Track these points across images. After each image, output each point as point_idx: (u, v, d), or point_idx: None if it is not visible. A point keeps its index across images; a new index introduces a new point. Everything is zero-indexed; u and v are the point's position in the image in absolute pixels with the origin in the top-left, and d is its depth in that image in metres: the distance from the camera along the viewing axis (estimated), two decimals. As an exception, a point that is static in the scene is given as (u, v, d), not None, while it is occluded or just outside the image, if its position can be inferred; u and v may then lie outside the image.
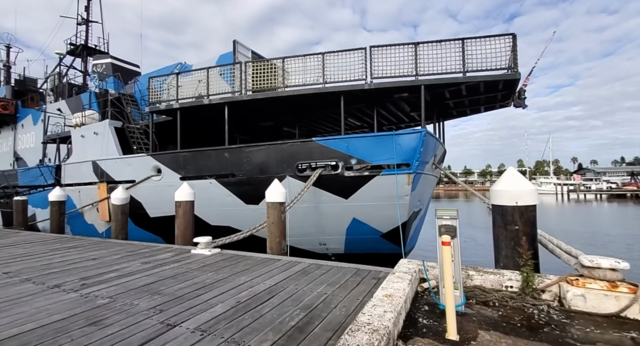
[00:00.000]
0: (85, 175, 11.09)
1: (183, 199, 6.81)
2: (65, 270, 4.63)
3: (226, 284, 3.77)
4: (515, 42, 7.36)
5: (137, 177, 9.87)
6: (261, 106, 9.45)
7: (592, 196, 66.45)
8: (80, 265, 4.91)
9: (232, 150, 8.90)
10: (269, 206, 5.64)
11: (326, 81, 8.13)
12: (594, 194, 68.02)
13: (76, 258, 5.47)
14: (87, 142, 11.28)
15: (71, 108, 15.04)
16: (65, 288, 3.75)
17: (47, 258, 5.47)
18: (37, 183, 12.04)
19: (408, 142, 7.65)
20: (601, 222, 21.61)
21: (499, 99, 8.90)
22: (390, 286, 3.03)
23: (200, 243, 5.66)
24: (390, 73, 7.84)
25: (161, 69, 15.28)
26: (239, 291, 3.52)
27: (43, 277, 4.26)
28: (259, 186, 8.84)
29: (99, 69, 18.68)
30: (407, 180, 7.86)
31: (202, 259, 5.10)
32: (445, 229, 2.93)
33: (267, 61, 9.09)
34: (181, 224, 6.69)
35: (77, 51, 22.69)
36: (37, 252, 6.06)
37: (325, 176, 8.16)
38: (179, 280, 4.00)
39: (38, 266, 4.88)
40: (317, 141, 8.29)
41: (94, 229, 11.17)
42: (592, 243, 13.13)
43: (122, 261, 5.10)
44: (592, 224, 19.82)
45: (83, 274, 4.39)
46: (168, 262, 4.98)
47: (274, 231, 5.56)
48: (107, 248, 6.27)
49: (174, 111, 9.60)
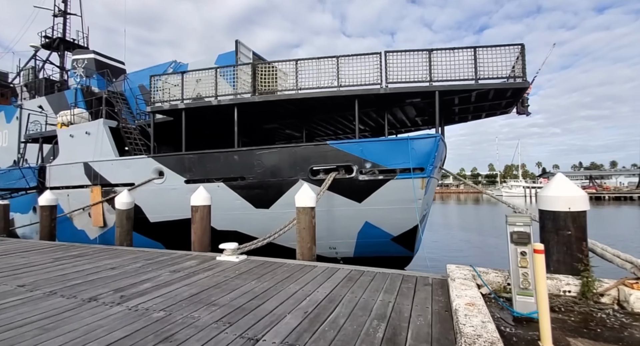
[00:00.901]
0: (75, 177, 10.40)
1: (200, 203, 6.52)
2: (89, 281, 4.28)
3: (279, 293, 3.62)
4: (523, 52, 7.66)
5: (137, 180, 9.38)
6: (270, 108, 9.26)
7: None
8: (103, 275, 4.56)
9: (243, 153, 8.66)
10: (300, 211, 5.50)
11: (341, 84, 8.10)
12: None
13: (91, 267, 5.08)
14: (77, 143, 10.59)
15: (53, 106, 14.13)
16: (105, 301, 3.46)
17: (57, 268, 5.04)
18: (18, 185, 11.16)
19: (423, 147, 7.75)
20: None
21: (502, 106, 9.21)
22: (464, 294, 3.01)
23: (226, 249, 5.43)
24: (403, 78, 7.93)
25: (153, 67, 14.70)
26: (298, 301, 3.38)
27: (69, 290, 3.92)
28: (270, 190, 8.67)
29: (80, 65, 17.68)
30: (422, 184, 7.95)
31: (233, 267, 4.89)
32: (517, 236, 2.96)
33: (269, 64, 8.93)
34: (198, 230, 6.40)
35: (54, 45, 21.43)
36: (41, 261, 5.58)
37: (339, 179, 8.11)
38: (224, 290, 3.80)
39: (54, 278, 4.48)
40: (332, 145, 8.23)
41: (85, 236, 10.49)
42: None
43: (147, 270, 4.79)
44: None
45: (113, 285, 4.07)
46: (199, 270, 4.73)
47: (305, 237, 5.43)
48: (119, 256, 5.88)
49: (178, 112, 9.21)
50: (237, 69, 9.52)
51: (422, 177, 7.85)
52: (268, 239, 6.33)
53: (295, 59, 8.38)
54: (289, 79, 8.75)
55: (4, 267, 5.18)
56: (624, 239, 15.60)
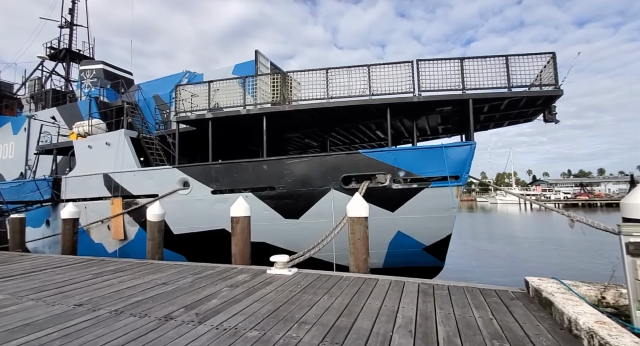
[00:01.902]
0: (93, 189, 10.12)
1: (241, 214, 6.34)
2: (150, 298, 4.06)
3: (364, 310, 3.45)
4: (555, 60, 7.74)
5: (160, 191, 9.16)
6: (298, 116, 9.18)
7: (550, 206, 71.83)
8: (159, 291, 4.35)
9: (272, 162, 8.53)
10: (354, 221, 5.35)
11: (373, 93, 8.07)
12: (553, 203, 73.55)
13: (141, 283, 4.85)
14: (96, 154, 10.35)
15: (65, 116, 13.90)
16: (184, 320, 3.26)
17: (104, 284, 4.80)
18: (31, 198, 10.83)
19: (458, 155, 7.72)
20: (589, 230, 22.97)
21: (529, 113, 9.26)
22: (580, 310, 2.85)
23: (277, 262, 5.25)
24: (434, 86, 7.94)
25: (166, 78, 14.65)
26: (390, 318, 3.22)
27: (133, 307, 3.70)
28: (300, 200, 8.52)
29: (89, 76, 17.54)
30: (457, 192, 7.89)
31: (291, 281, 4.71)
32: (634, 247, 2.86)
33: (285, 74, 8.89)
34: (239, 242, 6.20)
35: (60, 56, 21.30)
36: (81, 277, 5.33)
37: (372, 188, 8.00)
38: (301, 306, 3.62)
39: (109, 295, 4.25)
40: (364, 153, 8.16)
41: (103, 249, 10.16)
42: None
43: (202, 285, 4.59)
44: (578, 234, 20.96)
45: (178, 302, 3.86)
46: (257, 285, 4.54)
47: (360, 248, 5.27)
48: (161, 271, 5.65)
49: (204, 121, 9.06)
50: (258, 79, 9.49)
51: (458, 185, 7.79)
52: (313, 250, 6.14)
53: (325, 68, 8.35)
54: (302, 89, 8.71)
55: (45, 285, 4.92)
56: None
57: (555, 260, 12.40)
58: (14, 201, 10.61)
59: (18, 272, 5.94)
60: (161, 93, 13.40)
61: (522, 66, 7.89)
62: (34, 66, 20.38)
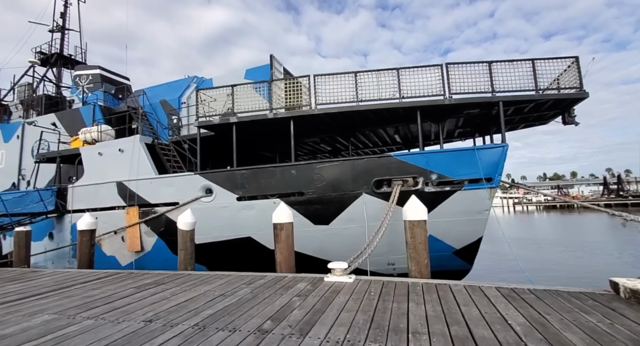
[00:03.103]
0: (105, 198, 9.59)
1: (285, 220, 6.09)
2: (220, 310, 3.77)
3: (470, 318, 3.25)
4: (578, 64, 7.94)
5: (181, 198, 8.76)
6: (322, 120, 9.03)
7: (533, 207, 74.72)
8: (226, 304, 4.05)
9: (301, 167, 8.33)
10: (414, 225, 5.21)
11: (403, 96, 8.04)
12: (534, 205, 76.26)
13: (197, 295, 4.52)
14: (107, 161, 9.83)
15: (65, 123, 13.25)
16: (283, 333, 3.01)
17: (156, 298, 4.45)
18: (34, 209, 10.15)
19: (491, 157, 7.74)
20: (586, 231, 23.61)
21: (548, 116, 9.44)
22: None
23: (336, 269, 5.03)
24: (462, 89, 7.99)
25: (171, 83, 14.29)
26: (505, 326, 3.05)
27: (213, 322, 3.41)
28: (330, 205, 8.33)
29: (84, 81, 16.88)
30: (490, 194, 7.89)
31: (358, 289, 4.50)
32: None
33: (294, 79, 8.78)
34: (284, 250, 5.94)
35: (52, 60, 20.48)
36: (124, 292, 4.93)
37: (403, 192, 7.90)
38: (397, 314, 3.43)
39: (173, 309, 3.92)
40: (396, 156, 8.08)
41: (115, 262, 9.59)
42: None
43: (266, 296, 4.31)
44: (581, 234, 21.51)
45: (257, 314, 3.59)
46: (329, 293, 4.31)
47: (422, 252, 5.12)
48: (207, 282, 5.31)
49: (228, 126, 8.77)
50: (273, 84, 9.34)
51: (491, 187, 7.80)
52: (363, 256, 5.94)
53: (354, 71, 8.28)
54: (329, 93, 8.60)
55: (90, 302, 4.52)
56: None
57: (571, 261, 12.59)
58: (17, 213, 9.90)
59: (45, 289, 5.46)
60: (168, 98, 12.99)
61: (544, 70, 8.08)
62: (19, 71, 19.50)
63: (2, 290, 5.59)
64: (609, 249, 12.91)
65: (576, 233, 21.56)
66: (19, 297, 4.99)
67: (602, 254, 13.16)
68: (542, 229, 25.82)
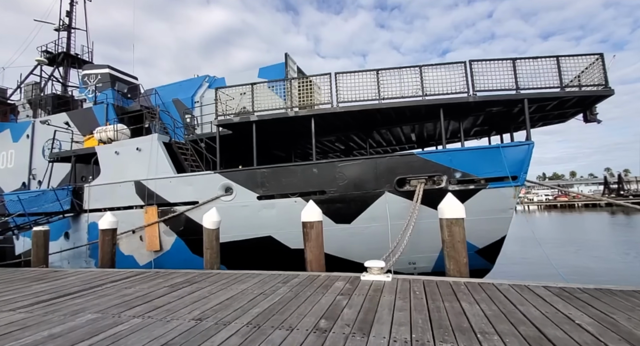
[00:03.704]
0: (123, 198, 9.51)
1: (315, 219, 6.02)
2: (267, 309, 3.70)
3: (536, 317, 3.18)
4: (603, 61, 7.87)
5: (201, 197, 8.69)
6: (343, 118, 8.96)
7: (534, 207, 74.83)
8: (270, 302, 3.98)
9: (322, 165, 8.27)
10: (452, 223, 5.15)
11: (426, 94, 7.98)
12: (536, 205, 76.27)
13: (235, 294, 4.45)
14: (125, 160, 9.76)
15: (77, 122, 13.18)
16: (344, 332, 2.95)
17: (194, 297, 4.38)
18: (49, 209, 10.07)
19: (516, 155, 7.68)
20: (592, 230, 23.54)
21: (569, 114, 9.37)
22: None
23: (372, 267, 4.97)
24: (484, 86, 7.93)
25: (182, 82, 14.25)
26: (574, 327, 2.99)
27: (265, 320, 3.35)
28: (352, 204, 8.27)
29: (93, 80, 16.81)
30: (514, 193, 7.83)
31: (402, 287, 4.44)
32: None
33: (305, 79, 8.72)
34: (315, 248, 5.87)
35: (59, 59, 20.43)
36: (160, 291, 4.86)
37: (427, 190, 7.85)
38: (454, 314, 3.36)
39: (217, 308, 3.85)
40: (419, 155, 8.02)
41: (133, 261, 9.51)
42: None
43: (309, 295, 4.25)
44: (589, 233, 21.41)
45: (307, 313, 3.53)
46: (372, 293, 4.25)
47: (460, 251, 5.07)
48: (240, 281, 5.24)
49: (247, 125, 8.70)
50: (288, 83, 9.29)
51: (516, 185, 7.74)
52: (395, 254, 5.88)
53: (376, 69, 8.22)
54: (350, 90, 8.54)
55: (129, 300, 4.45)
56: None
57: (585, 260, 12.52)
58: (34, 212, 9.81)
59: (75, 289, 5.39)
60: (181, 97, 12.93)
61: (564, 67, 8.03)
62: (24, 71, 19.43)
63: (30, 289, 5.52)
64: (624, 248, 12.85)
65: (584, 232, 21.50)
66: (51, 297, 4.92)
67: (617, 253, 13.10)
68: (551, 228, 25.72)
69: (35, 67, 19.95)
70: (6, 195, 11.23)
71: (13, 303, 4.63)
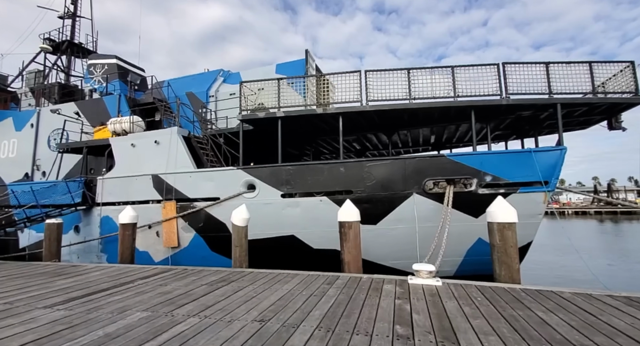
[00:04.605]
0: (139, 192, 9.22)
1: (353, 219, 5.86)
2: (328, 313, 3.52)
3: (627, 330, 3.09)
4: (634, 68, 7.86)
5: (222, 194, 8.46)
6: (369, 118, 8.80)
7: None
8: (327, 306, 3.80)
9: (350, 165, 8.11)
10: (505, 227, 5.01)
11: (458, 95, 7.87)
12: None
13: (285, 295, 4.26)
14: (141, 153, 9.46)
15: (86, 112, 12.81)
16: (430, 340, 2.78)
17: (240, 297, 4.17)
18: (60, 201, 9.71)
19: (547, 160, 7.60)
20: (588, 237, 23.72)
21: (594, 121, 9.34)
22: None
23: (422, 271, 4.81)
24: (519, 90, 7.86)
25: (196, 75, 13.98)
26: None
27: (332, 324, 3.18)
28: (379, 204, 8.12)
29: (99, 70, 16.40)
30: (544, 198, 7.76)
31: (457, 293, 4.29)
32: None
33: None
34: (353, 249, 5.70)
35: (63, 48, 19.92)
36: (199, 290, 4.64)
37: (456, 193, 7.73)
38: (535, 323, 3.23)
39: (272, 309, 3.65)
40: (449, 157, 7.90)
41: (148, 257, 9.21)
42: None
43: (363, 297, 4.09)
44: (588, 240, 21.60)
45: (373, 317, 3.35)
46: (430, 298, 4.10)
47: (513, 257, 4.93)
48: (280, 281, 5.04)
49: (273, 120, 8.48)
50: (307, 80, 9.15)
51: (547, 191, 7.67)
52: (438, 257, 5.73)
53: (407, 68, 8.08)
54: (382, 89, 8.40)
55: (174, 298, 4.22)
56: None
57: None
58: (47, 204, 9.44)
59: (105, 285, 5.14)
60: (195, 91, 12.66)
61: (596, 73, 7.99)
62: (26, 58, 18.90)
63: (55, 285, 5.25)
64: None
65: (585, 239, 21.66)
66: (83, 293, 4.67)
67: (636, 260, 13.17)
68: (559, 234, 25.70)
69: (37, 55, 19.44)
70: (15, 186, 10.82)
71: (44, 300, 4.37)
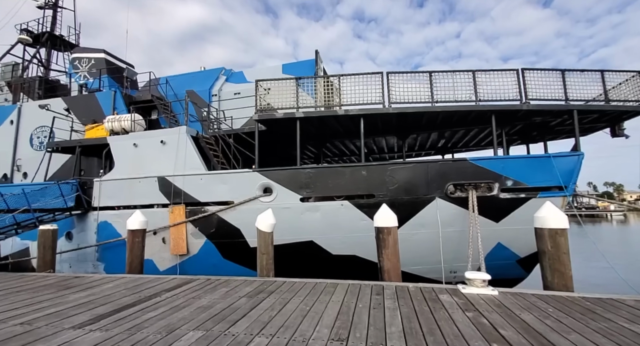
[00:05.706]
0: (144, 195, 8.57)
1: (391, 224, 5.62)
2: (427, 332, 3.25)
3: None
4: (642, 78, 8.14)
5: (236, 197, 8.01)
6: (386, 120, 8.64)
7: None
8: (400, 319, 3.53)
9: (372, 168, 7.89)
10: (557, 233, 4.87)
11: (479, 99, 7.86)
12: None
13: (340, 309, 3.95)
14: (145, 154, 8.81)
15: (76, 109, 11.93)
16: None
17: (292, 311, 3.82)
18: (51, 205, 8.88)
19: (566, 165, 7.71)
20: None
21: (597, 128, 9.63)
22: None
23: (475, 279, 4.64)
24: (537, 96, 7.96)
25: (196, 73, 13.43)
26: None
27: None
28: (402, 209, 7.93)
29: (85, 65, 15.43)
30: (562, 203, 7.85)
31: (520, 303, 4.14)
32: None
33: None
34: (392, 256, 5.46)
35: (43, 40, 18.64)
36: (238, 303, 4.25)
37: (478, 197, 7.69)
38: (632, 336, 3.09)
39: (347, 326, 3.35)
40: (471, 161, 7.86)
41: (152, 266, 8.56)
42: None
43: (425, 310, 3.84)
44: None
45: (466, 333, 3.12)
46: (496, 308, 3.93)
47: (566, 264, 4.78)
48: (323, 292, 4.71)
49: (291, 121, 8.14)
50: (316, 81, 8.93)
51: (565, 195, 7.76)
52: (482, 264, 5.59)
53: (429, 71, 8.00)
54: (382, 92, 8.29)
55: (219, 313, 3.81)
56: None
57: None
58: (40, 208, 8.57)
59: (128, 300, 4.62)
60: (197, 89, 12.09)
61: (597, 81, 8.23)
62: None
63: (68, 300, 4.69)
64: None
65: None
66: (109, 309, 4.16)
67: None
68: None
69: (14, 46, 18.09)
70: (2, 187, 9.83)
71: (67, 318, 3.85)
